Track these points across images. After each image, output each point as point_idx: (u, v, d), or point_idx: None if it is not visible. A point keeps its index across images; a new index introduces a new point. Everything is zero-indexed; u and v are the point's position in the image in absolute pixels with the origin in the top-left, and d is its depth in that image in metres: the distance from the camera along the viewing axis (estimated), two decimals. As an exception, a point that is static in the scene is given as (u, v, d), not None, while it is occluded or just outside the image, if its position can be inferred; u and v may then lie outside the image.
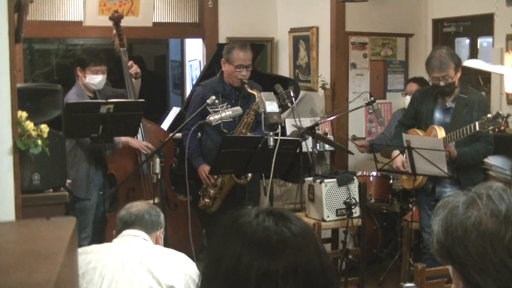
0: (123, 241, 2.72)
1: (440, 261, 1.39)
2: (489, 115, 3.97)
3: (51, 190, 3.40)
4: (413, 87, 5.36)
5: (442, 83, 4.25)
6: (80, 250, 2.65)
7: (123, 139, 4.72)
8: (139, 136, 4.90)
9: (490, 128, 3.96)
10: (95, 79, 4.70)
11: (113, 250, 2.65)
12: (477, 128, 3.96)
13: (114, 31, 5.01)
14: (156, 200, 4.14)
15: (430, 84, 4.52)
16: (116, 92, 4.98)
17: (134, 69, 4.97)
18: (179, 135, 4.79)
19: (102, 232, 4.68)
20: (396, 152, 4.51)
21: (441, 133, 4.25)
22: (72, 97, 4.61)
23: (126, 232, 2.76)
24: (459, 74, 4.30)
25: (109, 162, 4.78)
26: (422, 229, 4.53)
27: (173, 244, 4.46)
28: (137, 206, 2.84)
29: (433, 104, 4.42)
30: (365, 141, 5.68)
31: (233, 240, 1.22)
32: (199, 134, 4.75)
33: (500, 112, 3.95)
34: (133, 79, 4.98)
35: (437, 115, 4.41)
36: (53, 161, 3.30)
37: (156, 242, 2.83)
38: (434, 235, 1.38)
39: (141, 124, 4.89)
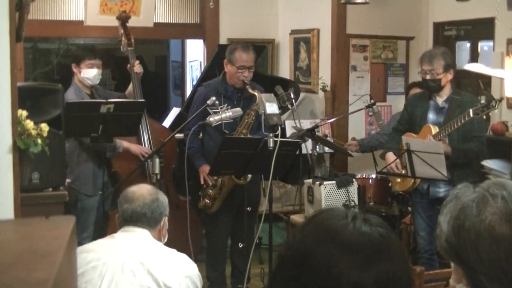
0: (125, 238, 2.68)
1: (446, 257, 1.35)
2: (482, 101, 4.00)
3: (50, 189, 3.40)
4: (417, 91, 5.33)
5: (428, 77, 4.30)
6: (80, 248, 2.62)
7: (125, 144, 4.73)
8: (146, 136, 4.91)
9: (484, 113, 3.97)
10: (90, 73, 4.71)
11: (114, 249, 2.61)
12: (471, 115, 3.98)
13: (122, 30, 5.02)
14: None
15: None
16: (113, 95, 4.98)
17: (138, 67, 4.98)
18: (179, 135, 4.79)
19: (103, 232, 4.68)
20: (389, 155, 4.52)
21: (435, 131, 4.27)
22: (71, 96, 4.61)
23: (128, 228, 2.72)
24: (450, 76, 4.33)
25: (113, 160, 4.79)
26: (416, 233, 4.52)
27: (173, 243, 4.47)
28: (139, 200, 2.75)
29: (426, 105, 4.46)
30: (354, 140, 5.71)
31: (327, 244, 1.14)
32: (201, 134, 4.75)
33: (494, 97, 3.98)
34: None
35: (431, 115, 4.43)
36: (53, 160, 3.30)
37: (160, 233, 2.78)
38: (443, 233, 1.32)
39: (147, 124, 4.90)
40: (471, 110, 3.98)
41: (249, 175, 4.45)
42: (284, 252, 1.21)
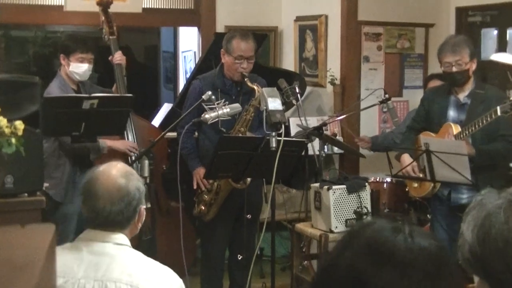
0: (93, 252, 2.45)
1: (470, 271, 1.35)
2: (511, 97, 3.98)
3: (26, 194, 3.40)
4: (437, 84, 5.34)
5: (454, 69, 4.28)
6: None
7: (108, 143, 4.73)
8: (130, 134, 4.92)
9: None
10: (81, 68, 4.72)
11: (80, 272, 2.40)
12: (499, 113, 3.95)
13: (103, 17, 5.01)
14: (148, 205, 4.14)
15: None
16: (104, 92, 4.98)
17: (118, 56, 4.96)
18: (170, 134, 4.79)
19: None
20: (405, 157, 4.53)
21: (456, 130, 4.26)
22: (54, 90, 4.62)
23: (95, 234, 2.47)
24: (474, 66, 4.34)
25: (97, 162, 4.78)
26: None
27: (164, 255, 4.46)
28: (104, 198, 2.44)
29: (446, 101, 4.45)
30: (366, 136, 5.72)
31: (385, 264, 1.15)
32: (196, 133, 4.75)
33: None
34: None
35: (451, 112, 4.43)
36: (29, 162, 3.29)
37: (135, 225, 2.54)
38: (466, 243, 1.33)
39: (131, 122, 4.89)
40: (498, 108, 3.97)
41: (248, 179, 4.45)
42: (329, 268, 1.21)
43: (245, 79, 4.49)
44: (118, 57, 4.97)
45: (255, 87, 4.42)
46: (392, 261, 1.15)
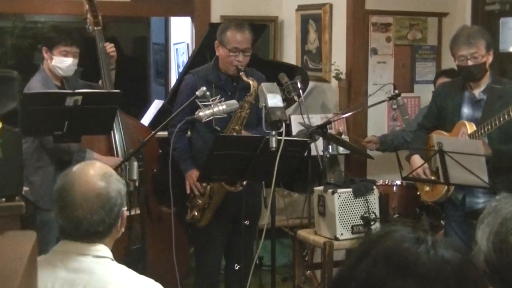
0: (69, 269, 2.33)
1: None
2: None
3: (3, 199, 3.40)
4: (445, 81, 5.35)
5: (470, 63, 4.28)
6: None
7: (96, 156, 4.70)
8: (117, 134, 4.91)
9: None
10: (64, 62, 4.71)
11: None
12: None
13: (87, 6, 5.01)
14: (137, 211, 4.15)
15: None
16: (91, 87, 4.97)
17: (110, 47, 4.96)
18: (161, 134, 4.79)
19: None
20: (415, 158, 4.53)
21: (471, 129, 4.26)
22: (36, 85, 4.61)
23: (72, 247, 2.36)
24: (490, 58, 4.34)
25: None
26: None
27: (154, 265, 4.47)
28: (82, 207, 2.32)
29: (459, 97, 4.45)
30: (374, 137, 5.72)
31: (405, 278, 1.16)
32: (189, 132, 4.76)
33: None
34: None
35: (465, 110, 4.43)
36: (7, 164, 3.30)
37: (117, 231, 2.45)
38: (481, 252, 1.34)
39: (119, 120, 4.89)
40: None
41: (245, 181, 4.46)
42: (344, 279, 1.22)
43: (241, 73, 4.49)
44: (110, 49, 4.94)
45: (250, 82, 4.43)
46: (412, 274, 1.16)
